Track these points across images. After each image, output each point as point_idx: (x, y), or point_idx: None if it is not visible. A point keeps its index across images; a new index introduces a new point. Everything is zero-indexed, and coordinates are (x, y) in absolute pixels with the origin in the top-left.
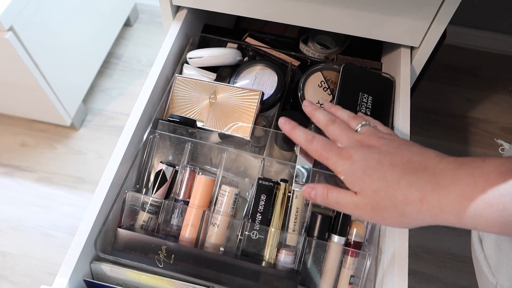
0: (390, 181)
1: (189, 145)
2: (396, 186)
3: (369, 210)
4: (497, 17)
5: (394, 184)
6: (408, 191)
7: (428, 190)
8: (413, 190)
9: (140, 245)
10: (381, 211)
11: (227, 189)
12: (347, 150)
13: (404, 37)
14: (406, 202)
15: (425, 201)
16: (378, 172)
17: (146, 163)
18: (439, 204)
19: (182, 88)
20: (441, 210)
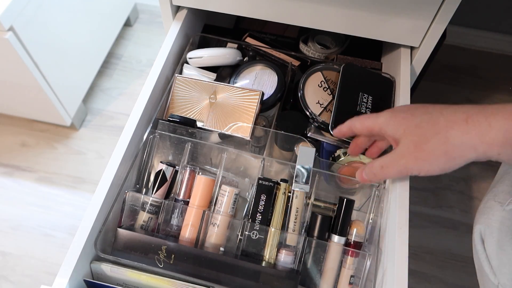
0: (432, 112)
1: (189, 145)
2: (438, 114)
3: (412, 149)
4: (497, 17)
5: (436, 113)
6: (452, 116)
7: (474, 111)
8: (458, 114)
9: (140, 245)
10: (424, 144)
11: (227, 189)
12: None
13: (404, 37)
14: (450, 125)
15: (470, 120)
16: (420, 109)
17: (146, 163)
18: (487, 121)
19: (182, 88)
20: (489, 126)
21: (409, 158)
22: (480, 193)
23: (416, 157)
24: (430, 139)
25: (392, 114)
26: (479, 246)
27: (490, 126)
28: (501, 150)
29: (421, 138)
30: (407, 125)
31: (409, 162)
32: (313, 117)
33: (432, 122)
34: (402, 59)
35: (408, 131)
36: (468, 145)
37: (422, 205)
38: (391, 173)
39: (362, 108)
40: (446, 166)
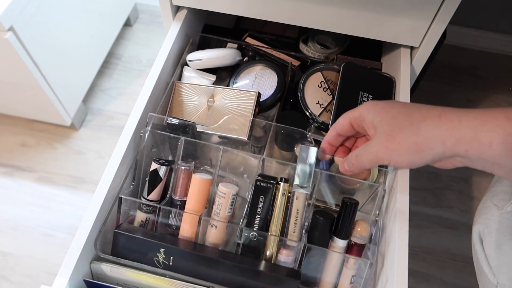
0: (411, 107)
1: (182, 142)
2: (415, 109)
3: (384, 138)
4: (497, 17)
5: (414, 108)
6: (427, 111)
7: (449, 110)
8: (433, 110)
9: (139, 246)
10: (396, 134)
11: (224, 191)
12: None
13: (404, 37)
14: (424, 118)
15: (443, 116)
16: (400, 103)
17: (141, 161)
18: (458, 118)
19: (181, 94)
20: (459, 123)
21: (381, 147)
22: (479, 193)
23: (387, 147)
24: (403, 129)
25: (374, 103)
26: (478, 246)
27: (460, 123)
28: (468, 147)
29: (394, 128)
30: (385, 115)
31: (380, 151)
32: (313, 118)
33: (408, 114)
34: (402, 59)
35: (384, 121)
36: (437, 138)
37: (422, 205)
38: (364, 162)
39: None
40: (414, 158)
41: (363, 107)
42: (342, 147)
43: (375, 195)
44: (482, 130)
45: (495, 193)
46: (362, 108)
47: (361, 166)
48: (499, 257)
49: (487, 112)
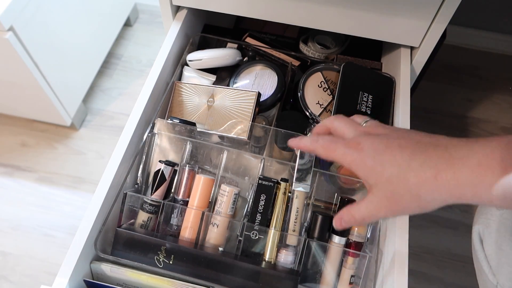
0: (401, 164)
1: (189, 144)
2: (407, 168)
3: (386, 203)
4: (497, 17)
5: (405, 167)
6: (420, 170)
7: (442, 165)
8: (426, 168)
9: (140, 245)
10: (398, 200)
11: (226, 189)
12: (354, 139)
13: (404, 37)
14: (420, 183)
15: (439, 177)
16: (387, 156)
17: (145, 163)
18: (455, 177)
19: (182, 93)
20: (457, 183)
21: (386, 211)
22: None
23: (392, 210)
24: (403, 195)
25: (360, 158)
26: (477, 246)
27: (458, 182)
28: (471, 201)
29: (394, 195)
30: (377, 177)
31: (387, 214)
32: (313, 118)
33: (402, 179)
34: (402, 59)
35: (380, 185)
36: (439, 200)
37: None
38: (366, 221)
39: (362, 107)
40: (423, 212)
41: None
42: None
43: None
44: (481, 188)
45: None
46: (349, 159)
47: (361, 223)
48: (499, 257)
49: (483, 162)
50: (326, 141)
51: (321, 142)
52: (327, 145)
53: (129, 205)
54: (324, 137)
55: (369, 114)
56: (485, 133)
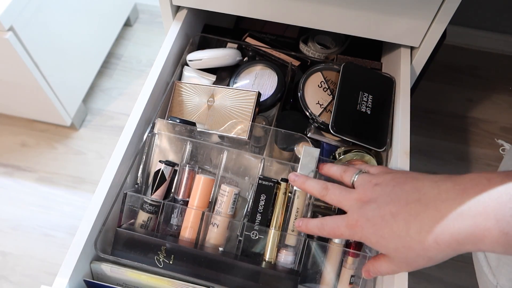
0: (401, 235)
1: (189, 144)
2: (408, 238)
3: (404, 265)
4: (497, 17)
5: (405, 236)
6: (420, 237)
7: (438, 230)
8: (425, 234)
9: (140, 245)
10: (413, 263)
11: (226, 189)
12: (351, 217)
13: (404, 37)
14: (425, 249)
15: (440, 241)
16: (386, 230)
17: (145, 163)
18: (455, 240)
19: (182, 93)
20: (458, 244)
21: (406, 269)
22: None
23: (411, 268)
24: (416, 259)
25: (365, 236)
26: None
27: (459, 243)
28: (471, 251)
29: (407, 259)
30: (386, 250)
31: (407, 270)
32: (313, 118)
33: (408, 248)
34: (402, 59)
35: (392, 255)
36: (449, 256)
37: None
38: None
39: (362, 107)
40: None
41: (358, 240)
42: None
43: None
44: (482, 245)
45: None
46: (358, 240)
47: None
48: (499, 257)
49: (479, 224)
50: (330, 227)
51: (327, 229)
52: (332, 231)
53: (129, 205)
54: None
55: (369, 114)
56: (485, 133)
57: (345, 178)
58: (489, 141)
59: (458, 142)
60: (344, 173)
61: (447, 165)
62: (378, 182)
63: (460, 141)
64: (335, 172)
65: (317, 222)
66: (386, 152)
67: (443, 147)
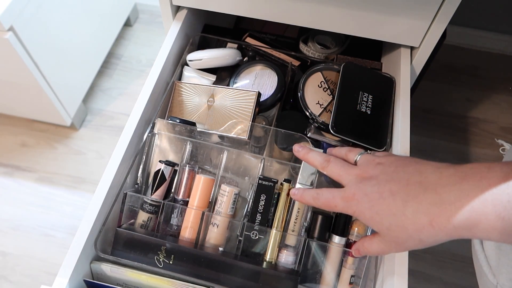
0: (396, 213)
1: (189, 144)
2: (403, 216)
3: (394, 245)
4: (497, 17)
5: (400, 215)
6: (416, 218)
7: (435, 211)
8: (421, 216)
9: (140, 245)
10: (403, 243)
11: (226, 189)
12: (349, 191)
13: (404, 37)
14: (419, 230)
15: (435, 223)
16: (382, 206)
17: (145, 163)
18: (450, 223)
19: (182, 93)
20: (454, 228)
21: (395, 250)
22: None
23: (400, 249)
24: (406, 240)
25: (359, 210)
26: (477, 247)
27: (454, 227)
28: (473, 238)
29: (398, 239)
30: (378, 226)
31: (396, 251)
32: (313, 118)
33: (401, 227)
34: (402, 59)
35: (383, 233)
36: (440, 240)
37: None
38: (375, 253)
39: (362, 107)
40: (429, 246)
41: (352, 214)
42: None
43: None
44: (477, 231)
45: None
46: (352, 214)
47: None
48: (499, 257)
49: (476, 208)
50: (325, 198)
51: (322, 200)
52: (327, 202)
53: (129, 205)
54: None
55: (369, 114)
56: (485, 133)
57: (349, 156)
58: (489, 141)
59: (458, 142)
60: (349, 152)
61: None
62: (381, 162)
63: (460, 141)
64: (340, 152)
65: (312, 192)
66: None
67: (443, 147)
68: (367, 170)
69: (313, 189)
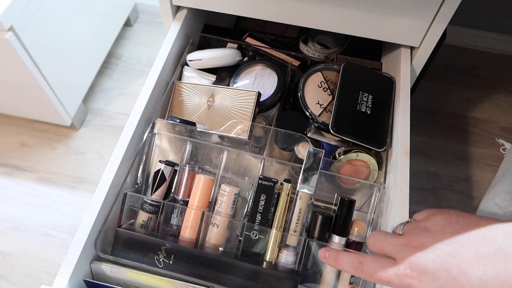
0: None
1: (189, 144)
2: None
3: None
4: (497, 17)
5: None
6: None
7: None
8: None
9: (140, 245)
10: None
11: (226, 189)
12: (403, 265)
13: (404, 37)
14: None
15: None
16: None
17: (145, 163)
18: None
19: (182, 93)
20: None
21: None
22: (479, 193)
23: None
24: None
25: (419, 278)
26: None
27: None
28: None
29: None
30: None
31: None
32: (313, 118)
33: None
34: (402, 59)
35: None
36: None
37: (422, 205)
38: None
39: (362, 107)
40: None
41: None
42: None
43: (375, 195)
44: None
45: (497, 193)
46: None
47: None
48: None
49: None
50: (372, 269)
51: (367, 271)
52: (376, 276)
53: (129, 205)
54: (368, 263)
55: (369, 114)
56: (485, 133)
57: (393, 233)
58: (489, 141)
59: (458, 142)
60: (389, 233)
61: (447, 165)
62: (428, 226)
63: (460, 141)
64: (379, 237)
65: (353, 258)
66: (386, 152)
67: (443, 147)
68: (416, 238)
69: (352, 255)
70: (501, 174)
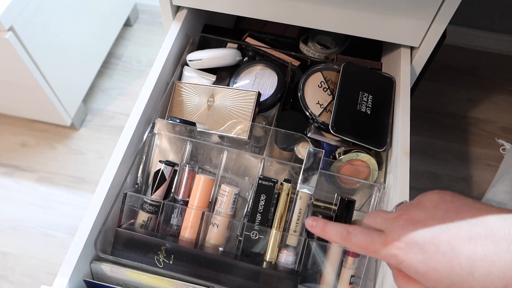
0: (462, 275)
1: (189, 144)
2: (470, 278)
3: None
4: (497, 17)
5: (467, 276)
6: (487, 281)
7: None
8: (493, 279)
9: (140, 245)
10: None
11: (226, 189)
12: (392, 235)
13: (404, 37)
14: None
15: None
16: (442, 263)
17: (145, 163)
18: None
19: (182, 93)
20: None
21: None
22: (479, 193)
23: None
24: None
25: (407, 261)
26: None
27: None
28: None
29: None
30: (435, 285)
31: None
32: (313, 118)
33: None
34: (402, 59)
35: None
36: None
37: None
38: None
39: (362, 107)
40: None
41: (398, 260)
42: None
43: (375, 195)
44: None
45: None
46: (394, 260)
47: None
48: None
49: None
50: (359, 239)
51: (354, 242)
52: (363, 245)
53: (129, 205)
54: (356, 234)
55: (369, 114)
56: (485, 133)
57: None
58: (489, 141)
59: (458, 142)
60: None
61: (447, 165)
62: (421, 201)
63: (460, 141)
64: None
65: (340, 229)
66: (386, 152)
67: (443, 147)
68: (408, 212)
69: (341, 225)
70: (500, 174)
